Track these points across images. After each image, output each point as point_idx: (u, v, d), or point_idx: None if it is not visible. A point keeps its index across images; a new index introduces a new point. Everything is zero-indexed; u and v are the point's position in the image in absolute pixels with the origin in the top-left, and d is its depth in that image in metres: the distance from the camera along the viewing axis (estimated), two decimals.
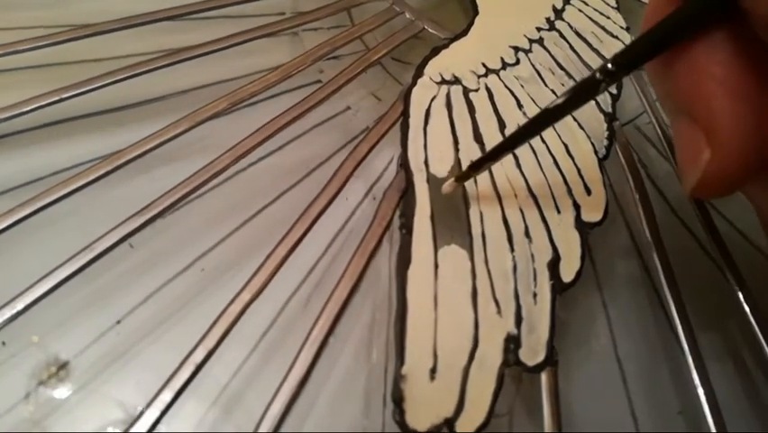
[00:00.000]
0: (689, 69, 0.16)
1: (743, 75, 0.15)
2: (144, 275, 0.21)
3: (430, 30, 0.28)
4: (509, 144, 0.19)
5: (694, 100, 0.16)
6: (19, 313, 0.18)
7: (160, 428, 0.17)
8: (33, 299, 0.18)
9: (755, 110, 0.15)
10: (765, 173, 0.16)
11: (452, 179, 0.20)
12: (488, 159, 0.20)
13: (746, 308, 0.20)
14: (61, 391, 0.18)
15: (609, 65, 0.17)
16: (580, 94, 0.18)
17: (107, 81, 0.23)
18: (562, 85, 0.25)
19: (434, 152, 0.22)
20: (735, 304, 0.21)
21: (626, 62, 0.17)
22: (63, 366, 0.19)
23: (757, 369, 0.21)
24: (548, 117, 0.18)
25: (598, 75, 0.17)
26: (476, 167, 0.20)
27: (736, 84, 0.15)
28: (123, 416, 0.17)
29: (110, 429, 0.18)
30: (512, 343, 0.18)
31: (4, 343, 0.19)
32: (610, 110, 0.25)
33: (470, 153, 0.22)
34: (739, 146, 0.15)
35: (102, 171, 0.21)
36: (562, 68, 0.26)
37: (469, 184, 0.21)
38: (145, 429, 0.16)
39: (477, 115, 0.24)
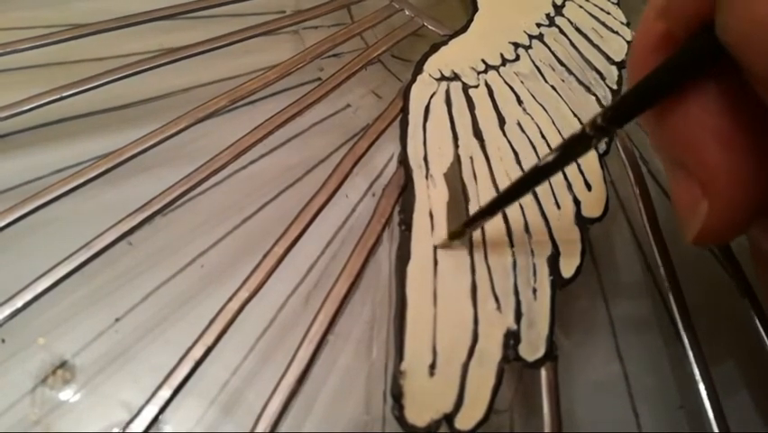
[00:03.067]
0: (682, 121, 0.15)
1: (736, 124, 0.15)
2: (144, 273, 0.21)
3: (430, 27, 0.28)
4: (501, 201, 0.19)
5: (688, 152, 0.15)
6: (18, 311, 0.18)
7: (160, 426, 0.17)
8: (32, 296, 0.18)
9: (751, 159, 0.15)
10: (764, 218, 0.16)
11: (446, 237, 0.20)
12: (482, 215, 0.19)
13: (749, 303, 0.20)
14: (62, 390, 0.18)
15: (599, 120, 0.16)
16: (571, 150, 0.17)
17: (108, 79, 0.23)
18: (562, 81, 0.25)
19: (434, 148, 0.22)
20: (736, 297, 0.20)
21: (617, 117, 0.16)
22: (63, 365, 0.19)
23: (759, 364, 0.21)
24: (538, 174, 0.18)
25: (588, 130, 0.16)
26: (470, 224, 0.19)
27: (730, 135, 0.15)
28: (126, 416, 0.17)
29: (115, 430, 0.18)
30: (512, 338, 0.18)
31: (3, 340, 0.19)
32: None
33: (470, 150, 0.22)
34: (736, 197, 0.15)
35: (102, 169, 0.21)
36: (562, 64, 0.26)
37: (468, 180, 0.21)
38: (144, 426, 0.16)
39: (476, 112, 0.23)
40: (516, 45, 0.26)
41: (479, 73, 0.25)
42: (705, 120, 0.15)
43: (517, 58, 0.26)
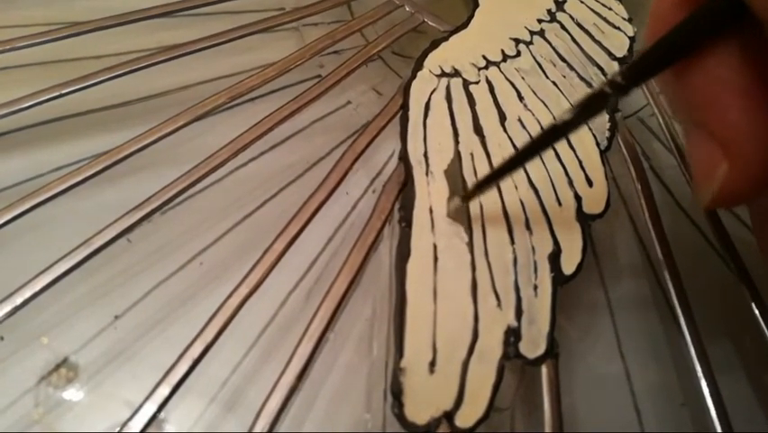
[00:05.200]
0: (702, 80, 0.15)
1: (758, 83, 0.15)
2: (143, 271, 0.21)
3: (430, 23, 0.28)
4: (518, 160, 0.18)
5: (709, 111, 0.15)
6: (17, 308, 0.18)
7: (160, 424, 0.17)
8: (32, 293, 0.18)
9: None
10: None
11: (458, 199, 0.20)
12: (494, 178, 0.19)
13: (751, 301, 0.20)
14: (65, 388, 0.18)
15: (619, 78, 0.16)
16: (588, 108, 0.17)
17: (106, 77, 0.23)
18: (564, 77, 0.25)
19: (434, 144, 0.22)
20: (738, 294, 0.20)
21: (636, 76, 0.16)
22: (65, 362, 0.19)
23: (761, 360, 0.21)
24: (556, 133, 0.17)
25: (606, 89, 0.16)
26: (482, 186, 0.19)
27: (752, 92, 0.15)
28: (128, 414, 0.17)
29: (116, 429, 0.18)
30: (512, 335, 0.18)
31: (2, 338, 0.19)
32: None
33: (470, 146, 0.22)
34: (757, 157, 0.15)
35: (101, 167, 0.21)
36: (563, 59, 0.26)
37: (469, 177, 0.21)
38: (143, 424, 0.16)
39: (477, 108, 0.23)
40: (517, 41, 0.26)
41: (479, 69, 0.25)
42: (727, 77, 0.15)
43: (518, 54, 0.26)
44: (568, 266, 0.20)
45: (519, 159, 0.18)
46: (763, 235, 0.18)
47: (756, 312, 0.20)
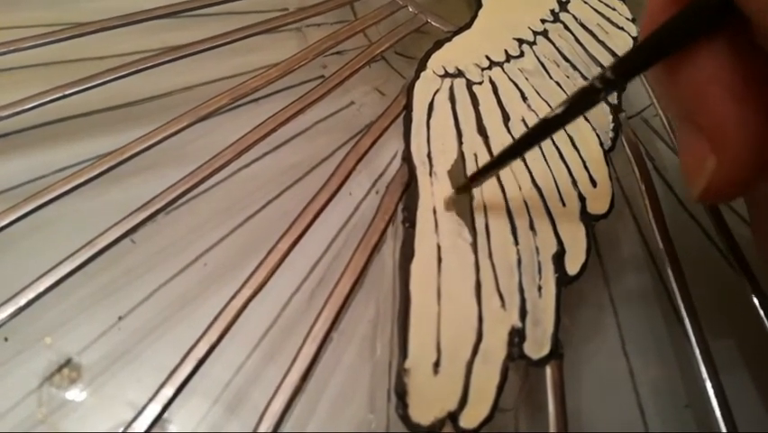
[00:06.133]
0: (692, 75, 0.15)
1: (747, 80, 0.15)
2: (147, 272, 0.21)
3: (433, 23, 0.28)
4: (508, 154, 0.19)
5: (698, 106, 0.15)
6: (21, 309, 0.18)
7: (164, 425, 0.17)
8: (35, 294, 0.18)
9: (759, 115, 0.15)
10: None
11: (453, 191, 0.20)
12: (487, 170, 0.19)
13: (754, 299, 0.20)
14: (68, 389, 0.18)
15: (608, 73, 0.16)
16: (579, 103, 0.17)
17: (110, 78, 0.23)
18: (567, 77, 0.25)
19: (438, 145, 0.22)
20: (742, 294, 0.20)
21: (626, 71, 0.16)
22: (68, 363, 0.19)
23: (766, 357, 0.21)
24: (547, 127, 0.18)
25: (597, 83, 0.16)
26: (475, 178, 0.20)
27: (740, 88, 0.15)
28: (132, 415, 0.17)
29: (120, 429, 0.18)
30: (516, 336, 0.18)
31: (6, 339, 0.19)
32: (616, 102, 0.25)
33: (474, 147, 0.22)
34: (744, 152, 0.15)
35: (104, 168, 0.21)
36: (567, 60, 0.26)
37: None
38: (147, 425, 0.16)
39: (480, 108, 0.23)
40: (521, 41, 0.26)
41: (483, 70, 0.25)
42: (716, 73, 0.15)
43: (522, 54, 0.26)
44: (572, 267, 0.20)
45: (510, 153, 0.19)
46: (758, 227, 0.19)
47: (759, 310, 0.20)
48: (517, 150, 0.19)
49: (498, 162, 0.19)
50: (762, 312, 0.20)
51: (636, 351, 0.21)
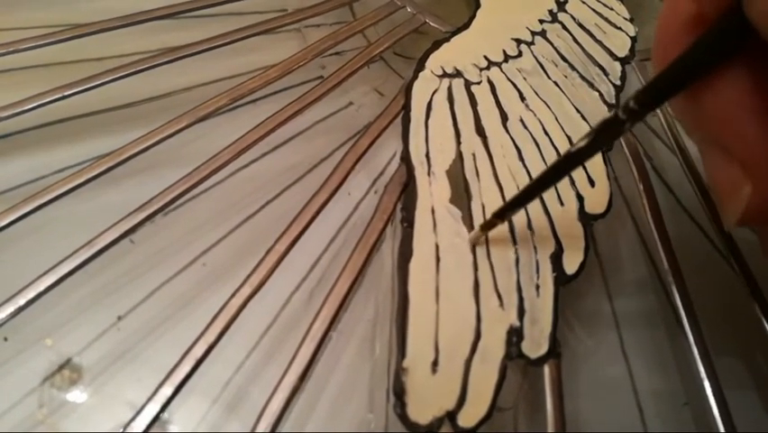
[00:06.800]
0: (718, 101, 0.15)
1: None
2: (146, 272, 0.21)
3: (432, 23, 0.28)
4: (535, 188, 0.18)
5: (727, 132, 0.15)
6: (21, 309, 0.18)
7: (164, 424, 0.17)
8: (35, 294, 0.18)
9: None
10: None
11: (478, 229, 0.20)
12: (513, 205, 0.19)
13: (752, 299, 0.20)
14: (68, 390, 0.18)
15: (632, 103, 0.16)
16: (603, 134, 0.17)
17: (108, 79, 0.23)
18: (565, 77, 0.25)
19: (436, 145, 0.22)
20: (741, 293, 0.20)
21: (650, 100, 0.16)
22: (68, 363, 0.19)
23: (765, 361, 0.21)
24: (572, 160, 0.17)
25: (621, 114, 0.16)
26: (500, 215, 0.19)
27: (765, 111, 0.14)
28: (132, 415, 0.17)
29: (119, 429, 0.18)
30: (514, 335, 0.18)
31: (6, 339, 0.19)
32: (614, 101, 0.25)
33: (472, 147, 0.22)
34: None
35: (103, 169, 0.21)
36: (564, 60, 0.26)
37: (471, 177, 0.21)
38: (145, 425, 0.16)
39: (479, 108, 0.23)
40: (519, 41, 0.26)
41: (481, 69, 0.25)
42: (741, 98, 0.15)
43: (520, 54, 0.26)
44: (570, 266, 0.20)
45: (535, 188, 0.18)
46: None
47: (758, 310, 0.20)
48: (544, 183, 0.18)
49: (524, 198, 0.19)
50: (759, 309, 0.20)
51: (634, 350, 0.21)
